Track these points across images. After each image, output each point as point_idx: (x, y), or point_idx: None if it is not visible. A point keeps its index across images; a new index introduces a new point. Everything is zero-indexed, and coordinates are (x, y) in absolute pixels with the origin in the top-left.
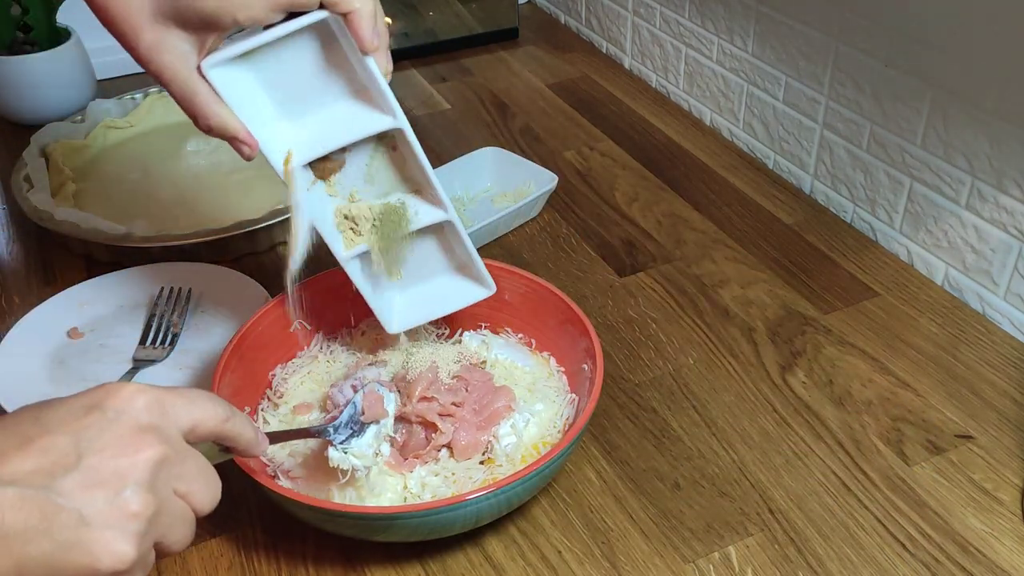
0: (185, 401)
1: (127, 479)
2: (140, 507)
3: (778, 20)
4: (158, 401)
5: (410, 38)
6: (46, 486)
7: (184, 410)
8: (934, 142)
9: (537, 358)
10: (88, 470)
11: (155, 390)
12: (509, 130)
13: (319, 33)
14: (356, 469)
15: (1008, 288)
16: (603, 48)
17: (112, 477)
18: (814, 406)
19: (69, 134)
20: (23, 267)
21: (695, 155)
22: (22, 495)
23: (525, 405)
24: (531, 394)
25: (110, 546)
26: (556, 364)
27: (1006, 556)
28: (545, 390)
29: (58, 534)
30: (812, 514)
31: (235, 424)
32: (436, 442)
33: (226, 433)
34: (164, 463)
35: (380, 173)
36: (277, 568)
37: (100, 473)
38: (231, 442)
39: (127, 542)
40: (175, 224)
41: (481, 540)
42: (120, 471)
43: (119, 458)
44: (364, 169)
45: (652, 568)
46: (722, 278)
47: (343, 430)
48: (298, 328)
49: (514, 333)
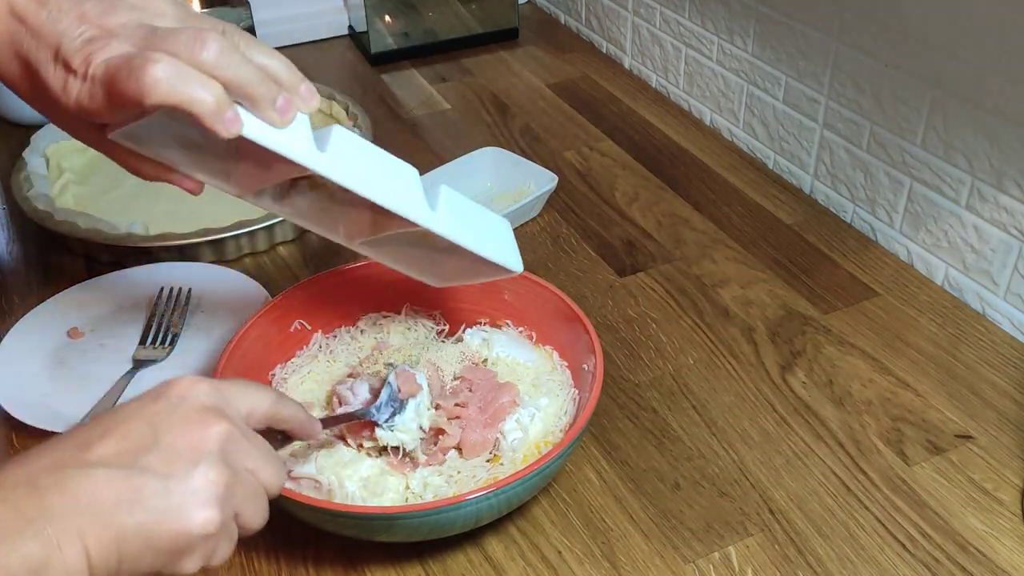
0: (238, 388)
1: (202, 451)
2: (217, 475)
3: (778, 20)
4: (215, 387)
5: (410, 38)
6: (131, 464)
7: (239, 396)
8: (934, 142)
9: (540, 352)
10: (166, 447)
11: (210, 380)
12: (509, 130)
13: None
14: (404, 444)
15: (1008, 288)
16: (603, 48)
17: (189, 451)
18: (814, 406)
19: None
20: (23, 267)
21: (695, 155)
22: (111, 474)
23: (530, 400)
24: (535, 389)
25: (197, 511)
26: (559, 358)
27: (1006, 556)
28: (549, 384)
29: (149, 504)
30: (812, 514)
31: (286, 406)
32: (443, 444)
33: (279, 414)
34: (231, 438)
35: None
36: (277, 568)
37: (177, 448)
38: (285, 424)
39: (212, 507)
40: (175, 224)
41: (481, 540)
42: (195, 445)
43: (192, 433)
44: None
45: (652, 568)
46: (722, 278)
47: (385, 409)
48: (298, 327)
49: (515, 327)
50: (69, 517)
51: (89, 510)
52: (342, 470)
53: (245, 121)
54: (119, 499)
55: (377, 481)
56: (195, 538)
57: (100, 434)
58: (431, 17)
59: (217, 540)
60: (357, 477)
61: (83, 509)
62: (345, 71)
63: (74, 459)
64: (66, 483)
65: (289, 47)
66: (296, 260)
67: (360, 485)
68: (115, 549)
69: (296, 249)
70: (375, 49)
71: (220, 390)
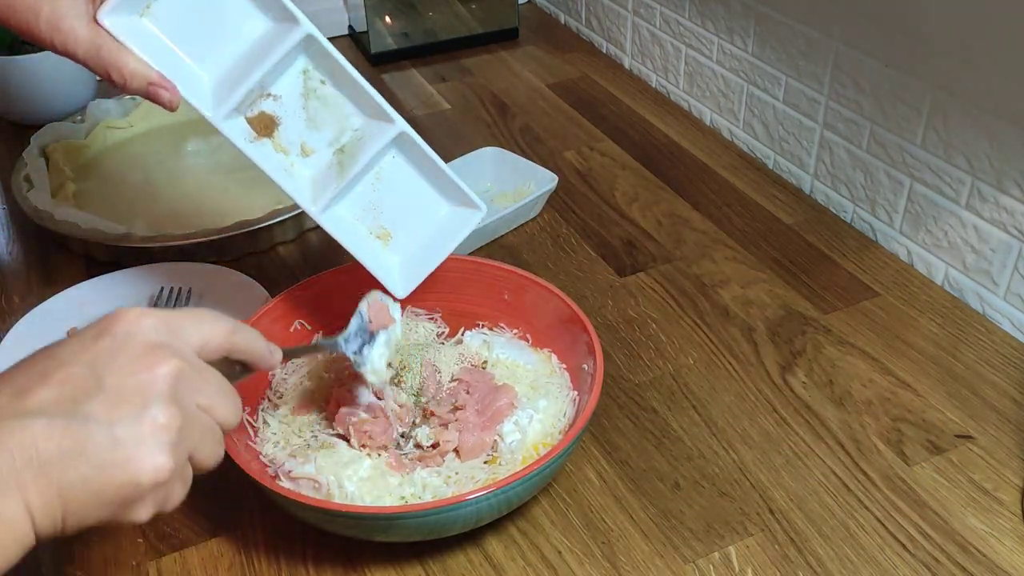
0: (191, 319)
1: (149, 394)
2: (167, 419)
3: (778, 20)
4: (164, 321)
5: (410, 38)
6: (72, 412)
7: (192, 327)
8: (934, 142)
9: (539, 355)
10: (110, 391)
11: (159, 311)
12: (509, 130)
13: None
14: (371, 383)
15: (1008, 288)
16: (603, 48)
17: (135, 394)
18: (814, 406)
19: (69, 134)
20: (23, 267)
21: (695, 155)
22: (51, 424)
23: (528, 402)
24: (534, 391)
25: (146, 460)
26: (558, 361)
27: (1006, 556)
28: (548, 386)
29: (94, 456)
30: (812, 514)
31: (243, 335)
32: (442, 448)
33: (236, 345)
34: (181, 376)
35: (320, 113)
36: (277, 568)
37: (122, 392)
38: (242, 355)
39: (162, 454)
40: (175, 224)
41: (481, 540)
42: (141, 387)
43: (138, 374)
44: (302, 116)
45: (652, 568)
46: (722, 278)
47: (353, 340)
48: (298, 327)
49: (510, 329)
50: (6, 473)
51: (29, 464)
52: (341, 470)
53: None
54: (61, 451)
55: (376, 481)
56: (145, 488)
57: (38, 379)
58: (431, 17)
59: (170, 486)
60: (356, 477)
61: (22, 463)
62: None
63: (10, 408)
64: (1, 436)
65: None
66: (296, 260)
67: (359, 485)
68: (59, 503)
69: (296, 249)
70: (375, 49)
71: (169, 323)
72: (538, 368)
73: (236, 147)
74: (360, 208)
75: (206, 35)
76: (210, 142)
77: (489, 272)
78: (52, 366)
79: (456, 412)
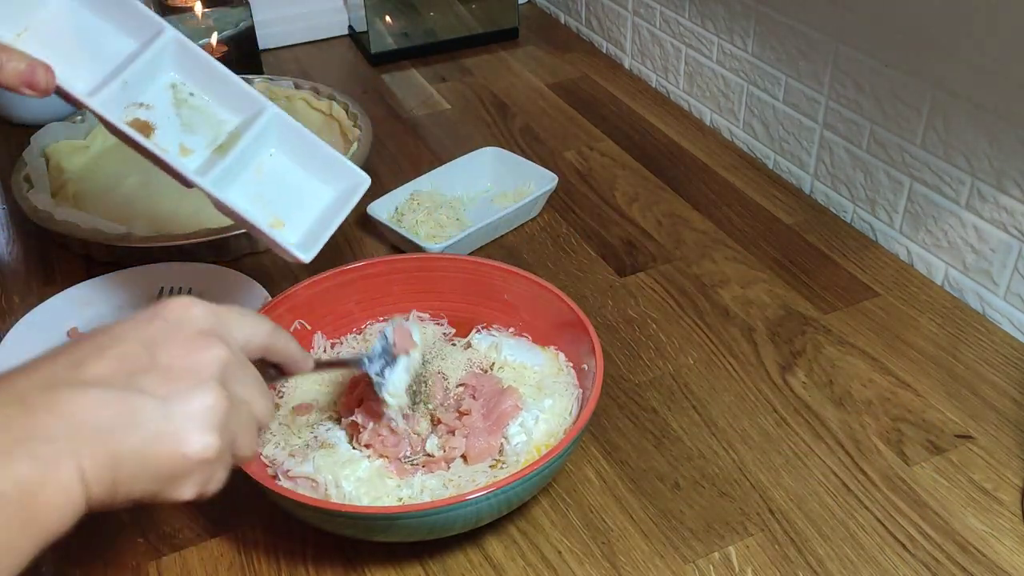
0: (236, 315)
1: (200, 375)
2: (215, 400)
3: (778, 20)
4: (212, 312)
5: (410, 38)
6: (127, 385)
7: (237, 323)
8: (934, 142)
9: (547, 353)
10: (163, 369)
11: (207, 303)
12: (509, 130)
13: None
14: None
15: (1008, 288)
16: (603, 48)
17: (186, 373)
18: (814, 406)
19: (69, 134)
20: (23, 267)
21: (695, 155)
22: (106, 394)
23: (534, 403)
24: (540, 391)
25: (196, 436)
26: (565, 359)
27: (1006, 556)
28: (554, 386)
29: (145, 427)
30: (812, 514)
31: (282, 337)
32: (448, 454)
33: (275, 345)
34: (228, 364)
35: (195, 119)
36: (277, 568)
37: (174, 370)
38: (279, 356)
39: (211, 432)
40: (175, 224)
41: (481, 540)
42: (193, 367)
43: (189, 356)
44: (177, 122)
45: (652, 568)
46: (722, 278)
47: (377, 360)
48: (298, 327)
49: (507, 329)
50: (63, 438)
51: (84, 431)
52: (339, 470)
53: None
54: (114, 420)
55: (374, 482)
56: (193, 463)
57: (94, 352)
58: (431, 17)
59: (214, 466)
60: (354, 477)
61: (77, 430)
62: (345, 71)
63: (67, 377)
64: (59, 403)
65: (289, 47)
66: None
67: (356, 485)
68: (111, 472)
69: None
70: (375, 49)
71: (217, 314)
72: (545, 368)
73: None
74: (247, 199)
75: (79, 57)
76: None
77: (489, 272)
78: (107, 342)
79: (462, 418)
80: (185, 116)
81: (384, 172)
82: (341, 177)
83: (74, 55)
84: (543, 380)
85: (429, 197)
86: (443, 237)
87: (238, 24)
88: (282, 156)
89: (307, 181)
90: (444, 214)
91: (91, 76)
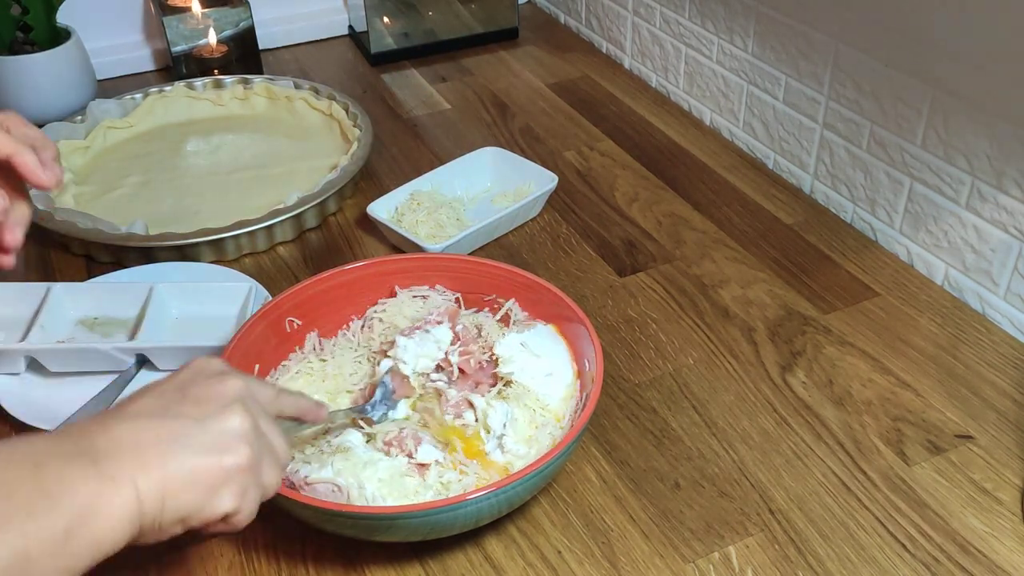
0: (244, 376)
1: (226, 398)
2: (242, 416)
3: (778, 20)
4: (225, 362)
5: (410, 38)
6: (166, 414)
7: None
8: (934, 142)
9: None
10: (193, 398)
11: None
12: (509, 130)
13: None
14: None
15: (1008, 288)
16: (603, 48)
17: (215, 398)
18: (814, 406)
19: (69, 134)
20: (23, 267)
21: (695, 155)
22: (150, 421)
23: (534, 402)
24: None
25: (232, 444)
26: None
27: (1006, 556)
28: (555, 385)
29: (188, 442)
30: (812, 514)
31: (286, 398)
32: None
33: (282, 405)
34: (247, 393)
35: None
36: (277, 568)
37: (203, 398)
38: (290, 412)
39: (243, 443)
40: (175, 224)
41: (481, 540)
42: (219, 395)
43: (214, 388)
44: None
45: (652, 568)
46: (722, 278)
47: (379, 407)
48: (298, 327)
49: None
50: (118, 457)
51: (134, 451)
52: (361, 472)
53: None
54: (160, 440)
55: (396, 481)
56: (232, 471)
57: (133, 397)
58: (431, 17)
59: (248, 478)
60: (376, 479)
61: (128, 450)
62: (345, 71)
63: (114, 413)
64: (111, 429)
65: (289, 47)
66: (296, 260)
67: (379, 486)
68: (161, 488)
69: (296, 249)
70: (375, 49)
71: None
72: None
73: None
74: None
75: None
76: (210, 142)
77: (489, 272)
78: (143, 390)
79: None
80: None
81: (384, 172)
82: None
83: None
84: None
85: (429, 197)
86: (443, 237)
87: (238, 24)
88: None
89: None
90: (444, 214)
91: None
